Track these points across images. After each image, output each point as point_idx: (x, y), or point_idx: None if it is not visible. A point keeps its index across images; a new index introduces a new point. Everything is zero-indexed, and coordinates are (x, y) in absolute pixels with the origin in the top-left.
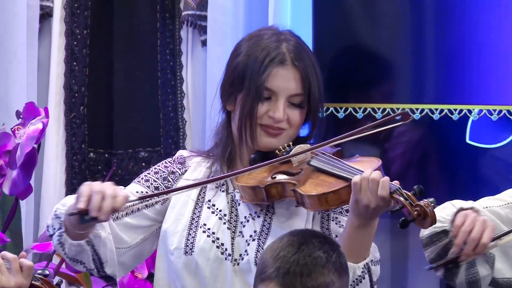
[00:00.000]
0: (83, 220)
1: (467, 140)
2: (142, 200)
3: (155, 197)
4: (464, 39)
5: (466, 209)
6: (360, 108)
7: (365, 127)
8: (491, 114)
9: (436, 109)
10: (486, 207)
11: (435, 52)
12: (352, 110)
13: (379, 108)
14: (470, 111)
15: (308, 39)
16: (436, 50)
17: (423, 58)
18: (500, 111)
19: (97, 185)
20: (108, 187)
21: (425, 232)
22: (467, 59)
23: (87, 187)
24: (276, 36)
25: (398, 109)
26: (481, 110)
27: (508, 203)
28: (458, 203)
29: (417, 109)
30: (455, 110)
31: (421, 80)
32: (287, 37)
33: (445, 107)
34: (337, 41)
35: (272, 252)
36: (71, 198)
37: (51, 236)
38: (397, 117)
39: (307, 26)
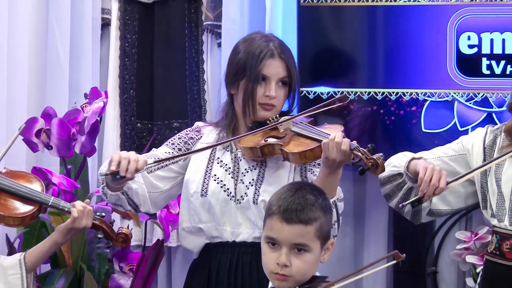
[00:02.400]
0: (114, 179)
1: (423, 129)
2: (157, 164)
3: (167, 160)
4: (403, 42)
5: (417, 158)
6: (339, 92)
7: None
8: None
9: (391, 92)
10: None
11: (384, 52)
12: (332, 93)
13: (348, 92)
14: (408, 94)
15: (294, 41)
16: (384, 50)
17: (375, 56)
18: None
19: (124, 153)
20: (132, 154)
21: (383, 174)
22: (406, 57)
23: (117, 155)
24: (265, 37)
25: (362, 92)
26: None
27: (439, 157)
28: (409, 154)
29: (378, 92)
30: (396, 93)
31: (374, 72)
32: (272, 38)
33: (391, 90)
34: (315, 43)
35: (276, 195)
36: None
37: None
38: (337, 101)
39: (293, 32)
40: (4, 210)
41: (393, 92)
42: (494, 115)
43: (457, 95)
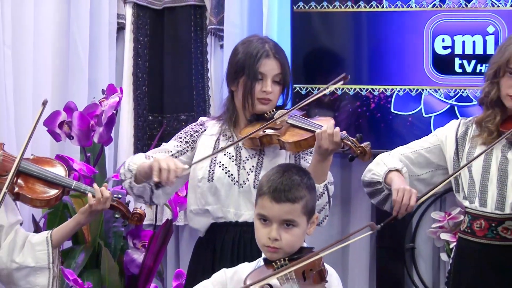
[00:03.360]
0: (157, 188)
1: (392, 110)
2: (189, 168)
3: (200, 162)
4: (384, 44)
5: (394, 170)
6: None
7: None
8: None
9: (368, 88)
10: (402, 154)
11: (368, 53)
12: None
13: (337, 88)
14: (390, 90)
15: (288, 43)
16: (368, 51)
17: (360, 56)
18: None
19: (163, 162)
20: (171, 162)
21: (365, 178)
22: (387, 57)
23: (156, 163)
24: (261, 40)
25: (349, 88)
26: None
27: (416, 150)
28: (388, 162)
29: (359, 88)
30: (381, 88)
31: (359, 70)
32: (267, 40)
33: (374, 87)
34: (307, 45)
35: (266, 177)
36: (141, 158)
37: (122, 180)
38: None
39: (287, 35)
40: (31, 193)
41: (375, 88)
42: (456, 108)
43: (433, 91)
